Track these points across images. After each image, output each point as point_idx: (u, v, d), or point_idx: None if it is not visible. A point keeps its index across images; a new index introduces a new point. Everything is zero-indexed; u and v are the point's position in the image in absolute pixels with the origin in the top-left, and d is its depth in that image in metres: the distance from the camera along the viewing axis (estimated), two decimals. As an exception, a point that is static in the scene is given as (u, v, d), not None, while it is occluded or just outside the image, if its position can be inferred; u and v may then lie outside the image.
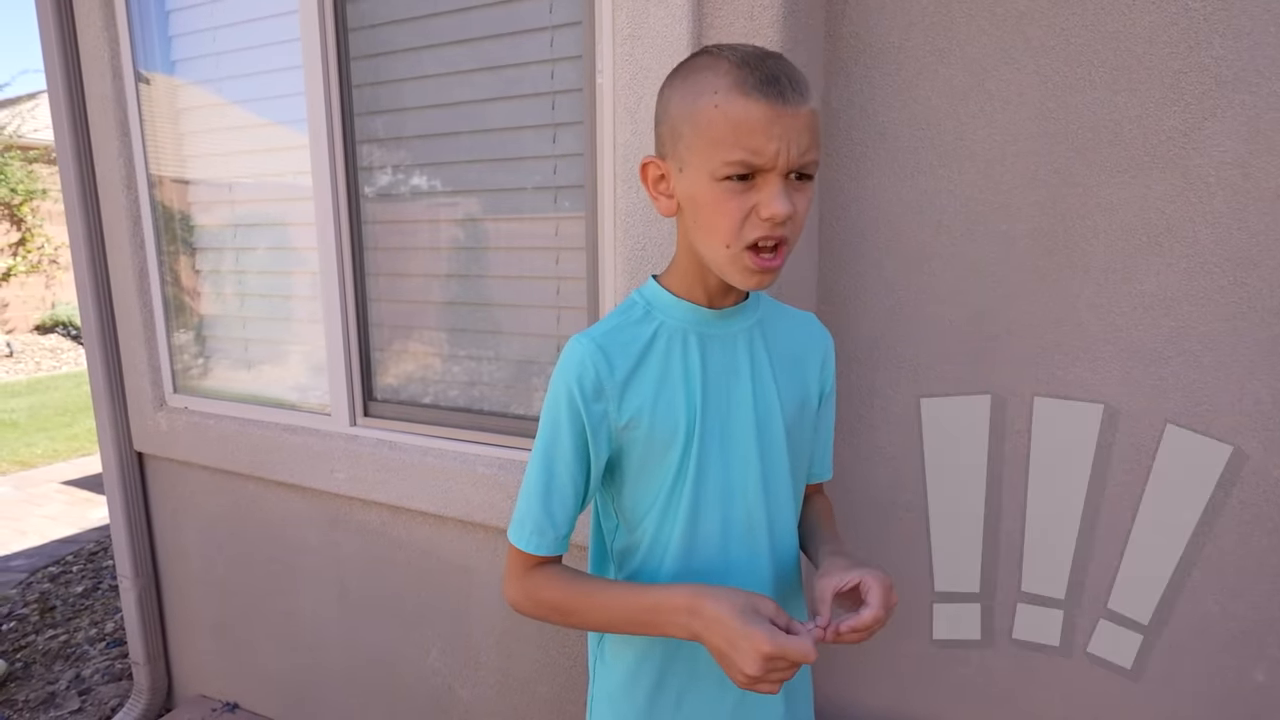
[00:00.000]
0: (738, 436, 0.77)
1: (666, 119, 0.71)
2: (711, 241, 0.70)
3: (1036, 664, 1.34)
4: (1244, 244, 1.12)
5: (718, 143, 0.65)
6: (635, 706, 0.82)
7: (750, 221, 0.67)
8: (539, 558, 0.78)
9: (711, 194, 0.67)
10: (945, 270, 1.29)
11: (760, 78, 0.64)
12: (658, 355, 0.76)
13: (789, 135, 0.64)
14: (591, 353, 0.74)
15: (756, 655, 0.62)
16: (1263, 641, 1.20)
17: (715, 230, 0.69)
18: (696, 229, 0.71)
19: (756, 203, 0.66)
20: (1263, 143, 1.09)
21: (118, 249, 1.79)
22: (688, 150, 0.68)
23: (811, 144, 0.67)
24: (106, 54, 1.69)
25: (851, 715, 1.49)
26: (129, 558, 1.92)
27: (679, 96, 0.69)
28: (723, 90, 0.65)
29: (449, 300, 1.51)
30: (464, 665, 1.55)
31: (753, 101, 0.64)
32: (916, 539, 1.39)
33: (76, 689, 2.23)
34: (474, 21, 1.36)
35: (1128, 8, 1.13)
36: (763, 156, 0.64)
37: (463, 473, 1.42)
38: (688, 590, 0.69)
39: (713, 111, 0.65)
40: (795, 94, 0.64)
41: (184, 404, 1.83)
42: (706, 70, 0.67)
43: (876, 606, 0.67)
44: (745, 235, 0.68)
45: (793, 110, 0.64)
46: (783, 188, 0.66)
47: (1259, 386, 1.14)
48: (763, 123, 0.64)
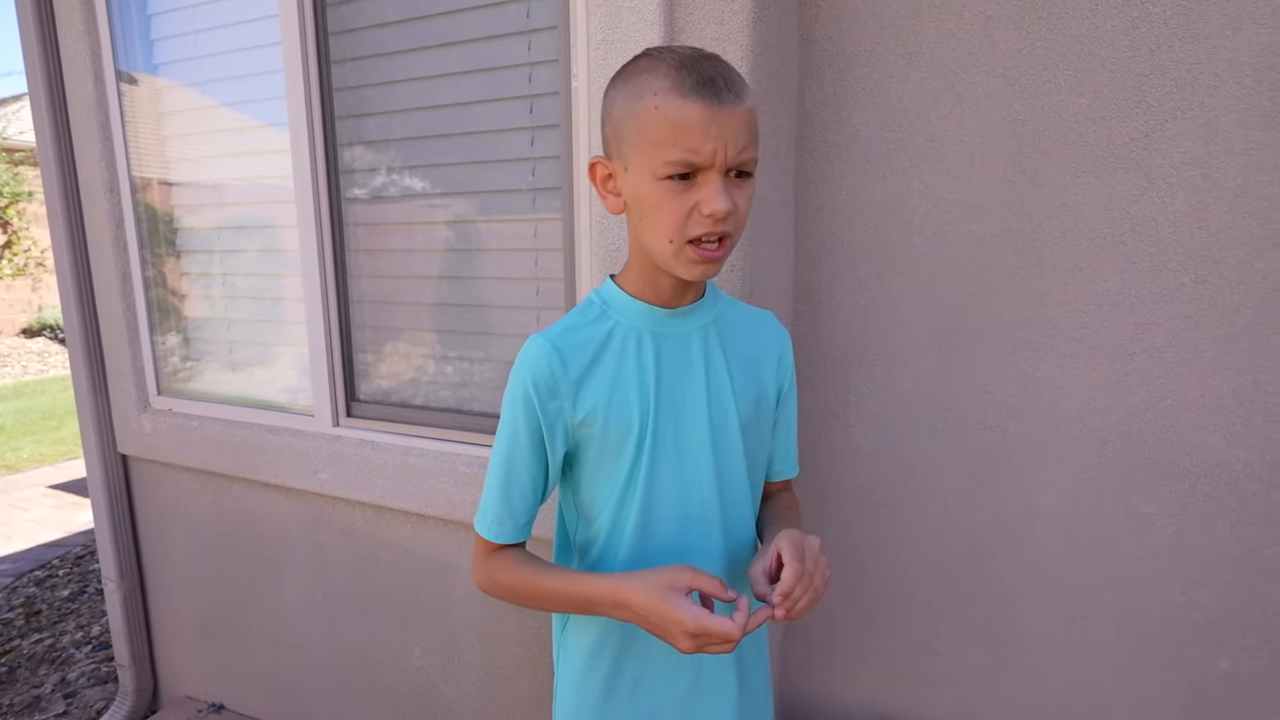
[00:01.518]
0: (691, 433, 0.79)
1: (611, 120, 0.74)
2: (656, 237, 0.72)
3: (1010, 655, 1.37)
4: (1205, 243, 1.15)
5: (658, 142, 0.68)
6: (593, 693, 0.84)
7: (692, 219, 0.69)
8: (500, 545, 0.81)
9: (654, 192, 0.70)
10: (917, 269, 1.32)
11: (697, 79, 0.66)
12: (612, 354, 0.78)
13: (725, 134, 0.67)
14: (547, 352, 0.76)
15: (683, 634, 0.66)
16: (1227, 630, 1.22)
17: (659, 227, 0.71)
18: (642, 225, 0.74)
19: (698, 200, 0.69)
20: (1221, 144, 1.12)
21: (100, 252, 1.80)
22: (631, 150, 0.71)
23: (749, 142, 0.69)
24: (88, 57, 1.70)
25: (827, 709, 1.51)
26: (114, 560, 1.92)
27: (621, 98, 0.72)
28: (662, 92, 0.67)
29: (430, 301, 1.53)
30: (447, 662, 1.57)
31: (690, 102, 0.66)
32: (892, 534, 1.41)
33: (62, 692, 2.22)
34: (452, 26, 1.38)
35: (1090, 12, 1.16)
36: (701, 155, 0.67)
37: (444, 472, 1.43)
38: (612, 582, 0.72)
39: (653, 112, 0.68)
40: (731, 94, 0.67)
41: (168, 406, 1.84)
42: (647, 73, 0.69)
43: (792, 562, 0.69)
44: (688, 232, 0.70)
45: (729, 110, 0.67)
46: (722, 185, 0.68)
47: (1220, 381, 1.17)
48: (700, 122, 0.66)
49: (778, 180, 1.26)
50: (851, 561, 1.44)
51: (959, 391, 1.32)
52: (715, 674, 0.86)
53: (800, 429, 1.44)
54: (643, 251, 0.77)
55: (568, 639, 0.89)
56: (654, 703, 0.84)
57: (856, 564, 1.44)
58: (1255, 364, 1.15)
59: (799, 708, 1.54)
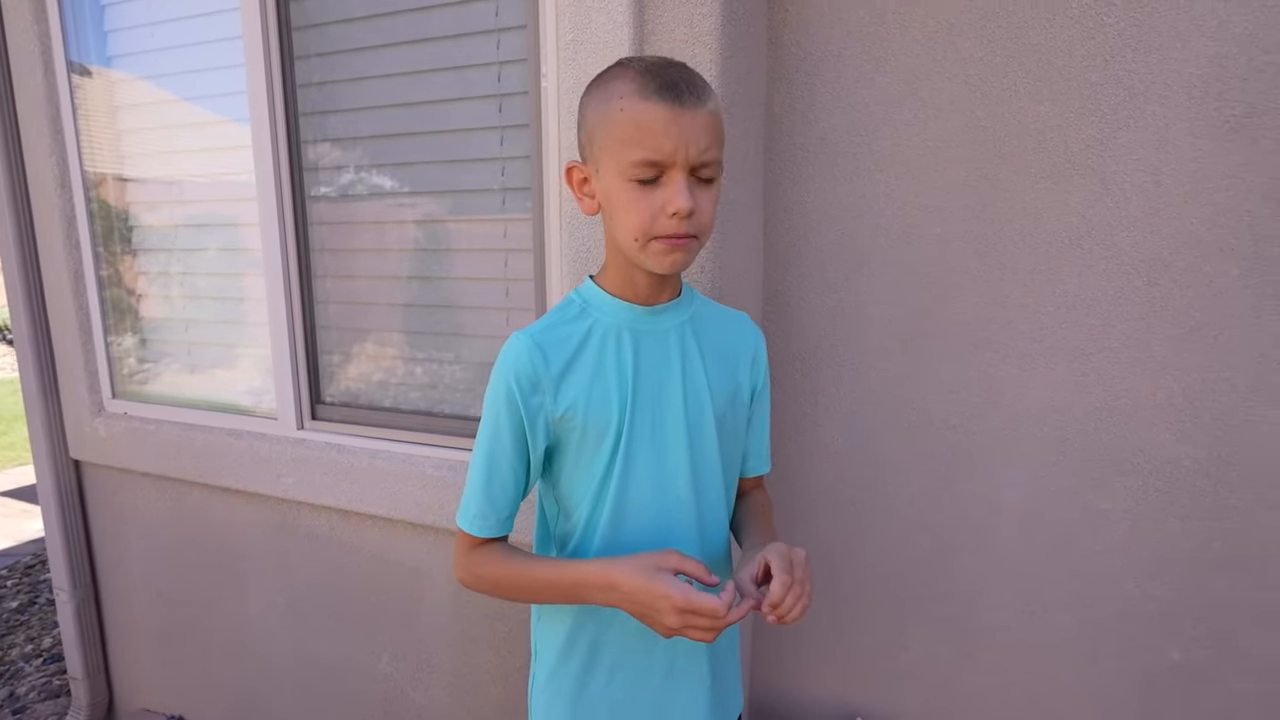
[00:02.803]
0: (668, 428, 0.81)
1: (585, 125, 0.78)
2: (625, 235, 0.75)
3: (974, 649, 1.40)
4: (1156, 246, 1.19)
5: (625, 143, 0.71)
6: (570, 678, 0.85)
7: (659, 219, 0.73)
8: (483, 539, 0.82)
9: (623, 192, 0.73)
10: (883, 272, 1.34)
11: (660, 83, 0.70)
12: (592, 351, 0.80)
13: (687, 134, 0.70)
14: (529, 348, 0.78)
15: (671, 609, 0.68)
16: (1179, 621, 1.27)
17: (627, 226, 0.74)
18: (613, 224, 0.77)
19: (663, 201, 0.72)
20: (1172, 151, 1.16)
21: (51, 251, 1.73)
22: (602, 152, 0.75)
23: (711, 143, 0.73)
24: (37, 48, 1.64)
25: (797, 704, 1.53)
26: (65, 569, 1.85)
27: (593, 104, 0.76)
28: (628, 95, 0.71)
29: (398, 302, 1.50)
30: (416, 668, 1.54)
31: (653, 104, 0.70)
32: (860, 532, 1.43)
33: (10, 707, 2.14)
34: (420, 23, 1.36)
35: (1048, 22, 1.19)
36: (663, 153, 0.71)
37: (412, 475, 1.41)
38: (600, 566, 0.74)
39: (620, 115, 0.72)
40: (692, 97, 0.71)
41: (123, 410, 1.78)
42: (615, 79, 0.74)
43: (780, 573, 0.71)
44: (655, 230, 0.73)
45: (690, 111, 0.71)
46: (685, 185, 0.72)
47: (1171, 381, 1.21)
48: (662, 123, 0.70)
49: (747, 182, 1.27)
50: (820, 559, 1.46)
51: (924, 391, 1.35)
52: (688, 663, 0.87)
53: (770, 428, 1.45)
54: (618, 251, 0.79)
55: (543, 626, 0.90)
56: (629, 690, 0.85)
57: (825, 561, 1.46)
58: (1203, 364, 1.19)
59: (770, 704, 1.55)
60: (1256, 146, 1.12)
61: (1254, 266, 1.15)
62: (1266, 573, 1.21)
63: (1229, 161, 1.13)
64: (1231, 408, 1.19)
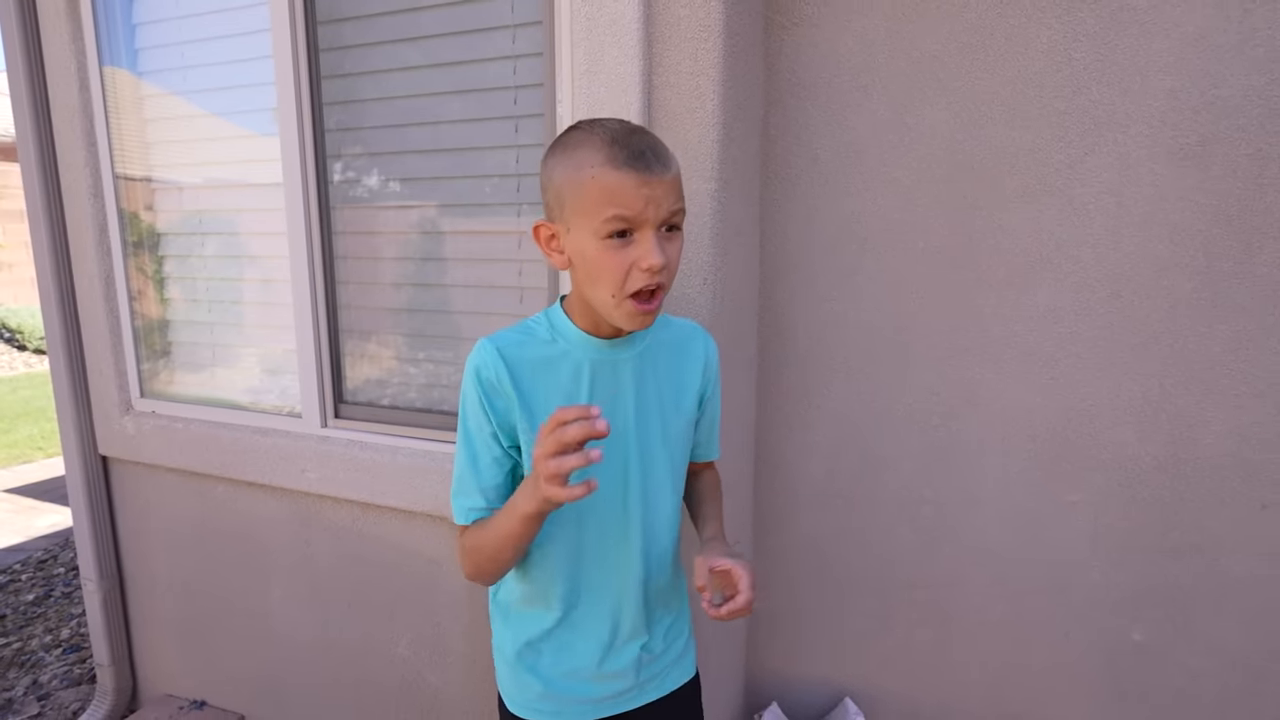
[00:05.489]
0: (616, 450, 0.90)
1: (551, 187, 0.83)
2: (599, 292, 0.82)
3: (953, 632, 1.51)
4: (1118, 262, 1.30)
5: (598, 206, 0.78)
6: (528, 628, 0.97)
7: (632, 274, 0.80)
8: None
9: (597, 250, 0.80)
10: (870, 283, 1.45)
11: (629, 154, 0.77)
12: (553, 375, 0.89)
13: (656, 197, 0.78)
14: (493, 358, 0.86)
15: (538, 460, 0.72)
16: (1139, 605, 1.38)
17: (602, 282, 0.81)
18: (586, 280, 0.84)
19: (636, 257, 0.79)
20: (1132, 175, 1.27)
21: (83, 256, 1.82)
22: (573, 214, 0.81)
23: (676, 200, 0.81)
24: (73, 64, 1.72)
25: (790, 685, 1.64)
26: (93, 560, 1.94)
27: (561, 168, 0.82)
28: (598, 165, 0.78)
29: (416, 308, 1.60)
30: (433, 653, 1.64)
31: (623, 173, 0.77)
32: (848, 524, 1.54)
33: (35, 695, 2.22)
34: (442, 47, 1.46)
35: (1020, 55, 1.30)
36: (635, 216, 0.78)
37: (431, 469, 1.51)
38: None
39: (591, 183, 0.78)
40: (659, 165, 0.78)
41: (151, 408, 1.87)
42: (583, 147, 0.80)
43: (746, 591, 0.82)
44: (629, 286, 0.80)
45: (657, 178, 0.78)
46: (655, 242, 0.79)
47: (1132, 384, 1.32)
48: (632, 188, 0.77)
49: (745, 200, 1.38)
50: (810, 549, 1.57)
51: (908, 393, 1.46)
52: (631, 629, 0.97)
53: (765, 428, 1.56)
54: (584, 299, 0.87)
55: (498, 599, 1.02)
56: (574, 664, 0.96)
57: (815, 551, 1.57)
58: (1161, 370, 1.30)
59: (763, 685, 1.66)
60: (1208, 173, 1.23)
61: (1206, 281, 1.26)
62: (1219, 561, 1.32)
63: (1184, 185, 1.25)
64: (1187, 409, 1.30)
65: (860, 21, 1.38)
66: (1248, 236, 1.23)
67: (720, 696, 1.49)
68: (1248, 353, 1.26)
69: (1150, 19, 1.23)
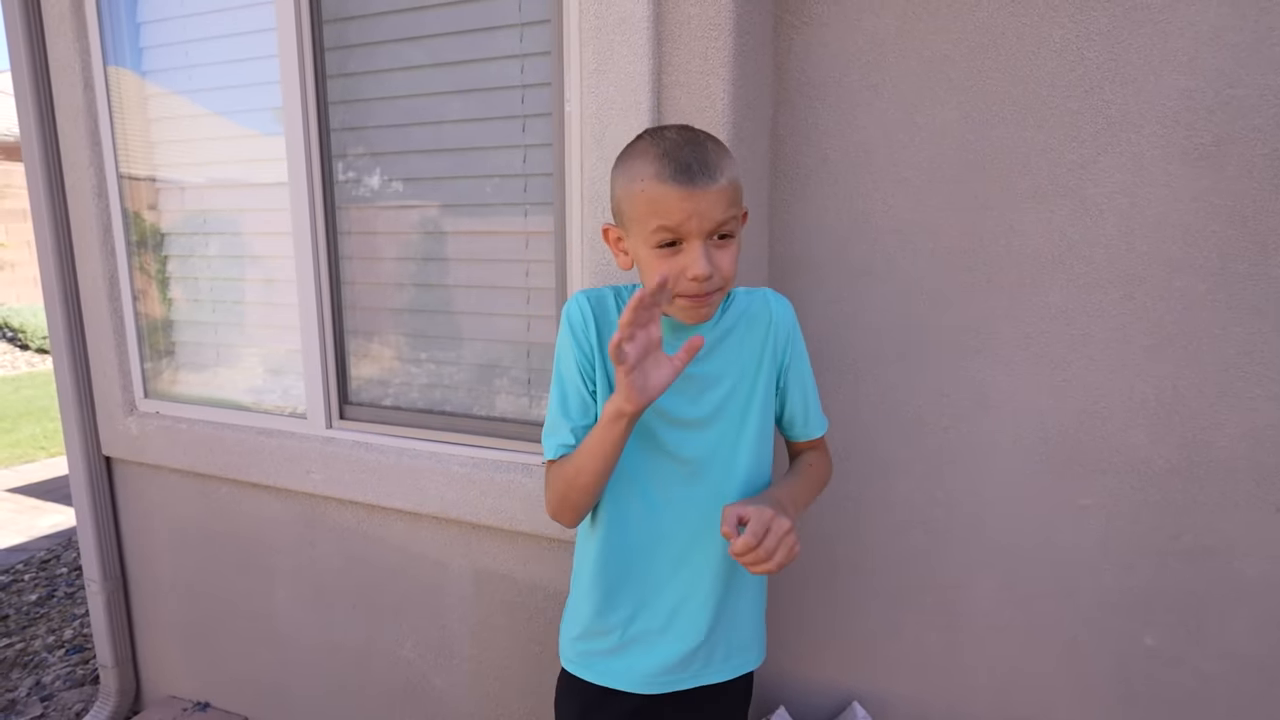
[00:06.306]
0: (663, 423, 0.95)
1: (614, 195, 0.91)
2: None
3: (962, 636, 1.49)
4: (1132, 263, 1.29)
5: (646, 217, 0.84)
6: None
7: (681, 280, 0.85)
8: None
9: (649, 256, 0.87)
10: (880, 284, 1.44)
11: (675, 168, 0.81)
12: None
13: (701, 210, 0.82)
14: (584, 305, 0.95)
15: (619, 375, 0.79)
16: (1151, 609, 1.37)
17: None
18: (644, 280, 0.92)
19: (684, 265, 0.84)
20: (1146, 175, 1.26)
21: (87, 257, 1.81)
22: (629, 222, 0.88)
23: (726, 211, 0.84)
24: (78, 64, 1.72)
25: (798, 688, 1.63)
26: (97, 562, 1.93)
27: (621, 179, 0.89)
28: (648, 178, 0.83)
29: (423, 309, 1.59)
30: (438, 655, 1.63)
31: (668, 187, 0.81)
32: (858, 526, 1.53)
33: (38, 695, 2.22)
34: (448, 46, 1.45)
35: (1033, 54, 1.29)
36: (680, 229, 0.83)
37: (438, 471, 1.50)
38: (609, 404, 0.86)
39: (640, 195, 0.84)
40: (705, 178, 0.81)
41: (155, 409, 1.86)
42: (639, 158, 0.85)
43: (747, 534, 0.81)
44: (678, 289, 0.86)
45: (702, 191, 0.81)
46: (703, 251, 0.83)
47: (1145, 387, 1.31)
48: (676, 202, 0.81)
49: (754, 200, 1.37)
50: (821, 551, 1.56)
51: (918, 395, 1.45)
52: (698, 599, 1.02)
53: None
54: None
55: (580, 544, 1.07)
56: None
57: (827, 553, 1.56)
58: (1174, 371, 1.29)
59: (771, 688, 1.65)
60: (1222, 173, 1.22)
61: (1221, 282, 1.25)
62: (1232, 564, 1.31)
63: (1198, 186, 1.24)
64: (1200, 411, 1.29)
65: (871, 20, 1.37)
66: (1263, 238, 1.22)
67: (728, 700, 1.48)
68: (1262, 355, 1.25)
69: (1164, 18, 1.21)
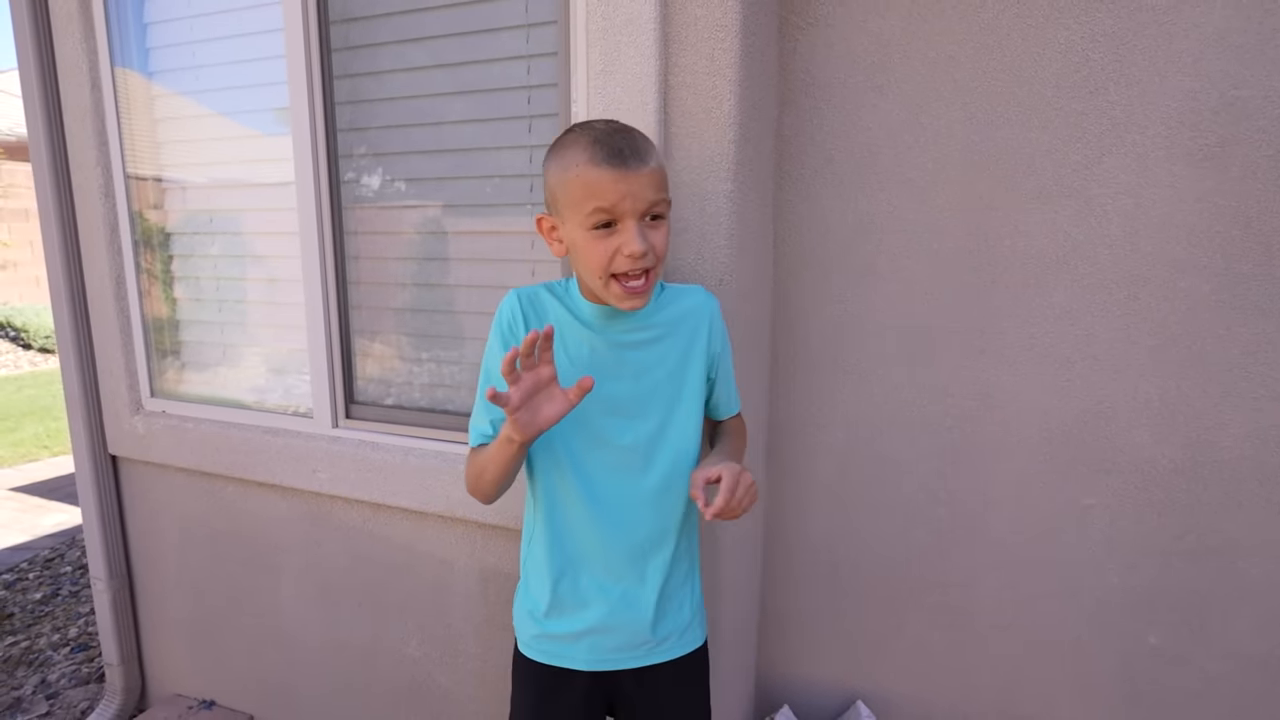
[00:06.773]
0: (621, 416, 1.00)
1: (548, 185, 0.95)
2: (589, 274, 0.93)
3: (965, 635, 1.50)
4: (1136, 264, 1.29)
5: (582, 200, 0.89)
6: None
7: (616, 259, 0.90)
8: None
9: (585, 239, 0.91)
10: (885, 284, 1.44)
11: (607, 152, 0.87)
12: (559, 334, 1.00)
13: (634, 191, 0.88)
14: (515, 304, 1.01)
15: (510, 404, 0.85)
16: (1154, 609, 1.37)
17: (590, 267, 0.92)
18: (578, 266, 0.96)
19: (619, 245, 0.89)
20: (1150, 176, 1.27)
21: (94, 256, 1.82)
22: (564, 208, 0.92)
23: (656, 193, 0.90)
24: (85, 64, 1.72)
25: (801, 688, 1.63)
26: (103, 560, 1.94)
27: (555, 168, 0.93)
28: (583, 164, 0.88)
29: (428, 308, 1.60)
30: (444, 654, 1.64)
31: (603, 170, 0.87)
32: (861, 526, 1.53)
33: (44, 694, 2.22)
34: (454, 47, 1.45)
35: (1038, 55, 1.29)
36: (615, 209, 0.88)
37: (443, 470, 1.51)
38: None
39: (575, 180, 0.89)
40: (636, 161, 0.88)
41: (161, 408, 1.87)
42: (571, 147, 0.91)
43: (723, 491, 0.85)
44: (613, 269, 0.90)
45: (635, 172, 0.87)
46: (637, 230, 0.89)
47: (1149, 387, 1.32)
48: (611, 184, 0.87)
49: (760, 199, 1.37)
50: (823, 551, 1.56)
51: (922, 395, 1.45)
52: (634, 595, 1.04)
53: (778, 428, 1.55)
54: (585, 283, 0.99)
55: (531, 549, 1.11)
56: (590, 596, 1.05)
57: (829, 553, 1.56)
58: (1178, 371, 1.30)
59: (774, 687, 1.65)
60: (1227, 174, 1.22)
61: (1225, 283, 1.26)
62: (1235, 564, 1.32)
63: (1202, 187, 1.24)
64: (1204, 412, 1.29)
65: (876, 21, 1.37)
66: (1267, 239, 1.22)
67: (731, 699, 1.49)
68: (1266, 355, 1.25)
69: (1169, 19, 1.22)
